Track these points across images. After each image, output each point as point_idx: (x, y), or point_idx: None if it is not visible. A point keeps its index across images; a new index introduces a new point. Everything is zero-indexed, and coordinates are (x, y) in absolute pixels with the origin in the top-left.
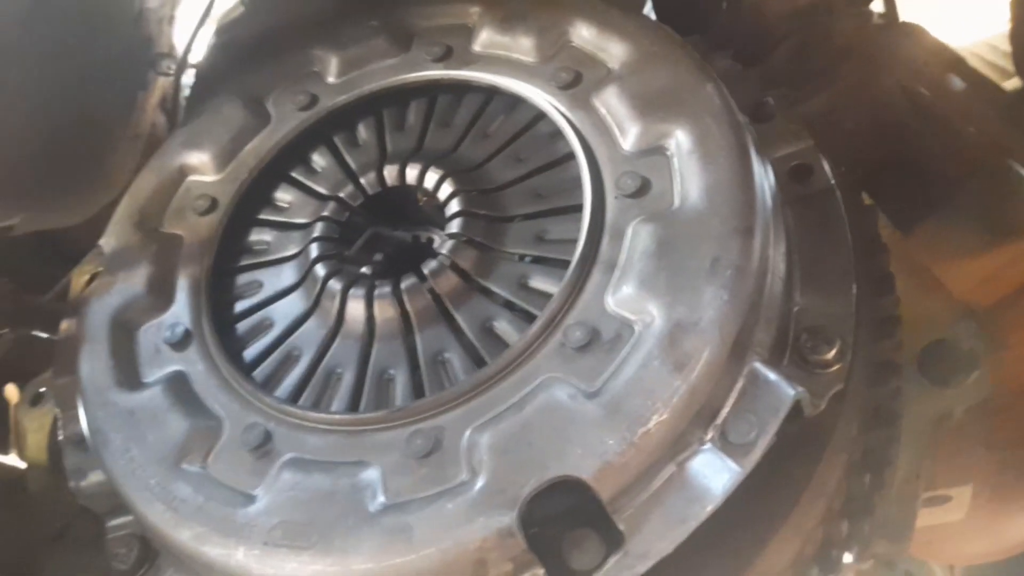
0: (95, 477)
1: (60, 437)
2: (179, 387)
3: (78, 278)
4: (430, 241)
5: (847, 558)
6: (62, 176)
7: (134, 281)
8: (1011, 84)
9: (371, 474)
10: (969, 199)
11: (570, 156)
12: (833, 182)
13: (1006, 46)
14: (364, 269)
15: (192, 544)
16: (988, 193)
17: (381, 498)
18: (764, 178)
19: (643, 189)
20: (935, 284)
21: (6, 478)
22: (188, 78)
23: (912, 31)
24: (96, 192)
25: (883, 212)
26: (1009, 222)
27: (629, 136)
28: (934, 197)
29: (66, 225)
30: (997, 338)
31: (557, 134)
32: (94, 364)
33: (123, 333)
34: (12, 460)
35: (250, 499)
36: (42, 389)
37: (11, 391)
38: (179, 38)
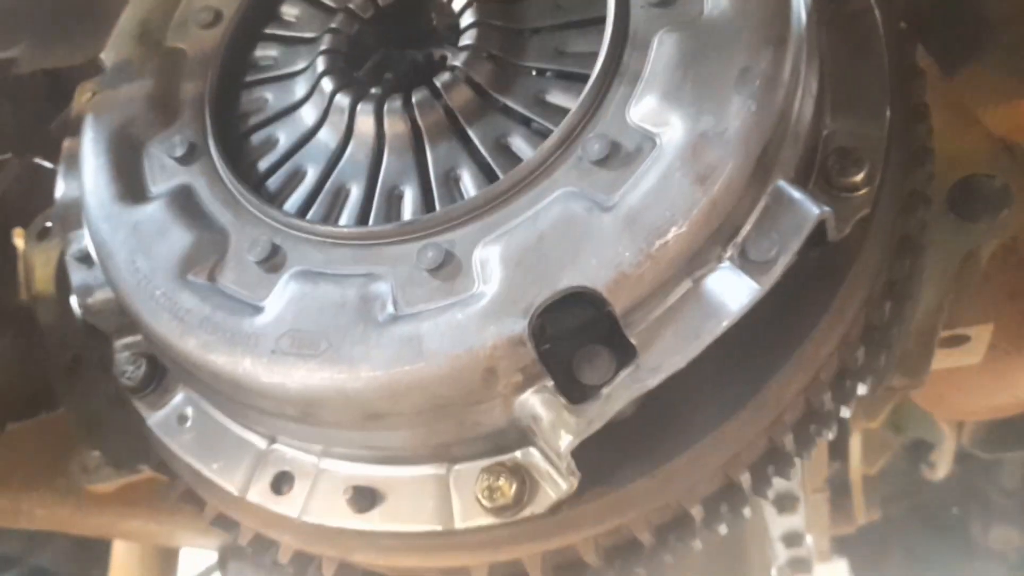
0: (102, 294)
1: (66, 256)
2: (185, 200)
3: (80, 96)
4: (443, 59)
5: (861, 389)
6: (61, 11)
7: (137, 95)
8: None
9: (381, 286)
10: (1014, 41)
11: None
12: (872, 1)
13: None
14: (374, 90)
15: (198, 353)
16: None
17: (391, 309)
18: None
19: None
20: (972, 120)
21: (17, 312)
22: None
23: None
24: (96, 30)
25: (928, 54)
26: None
27: None
28: (979, 39)
29: (68, 64)
30: None
31: None
32: (98, 178)
33: (127, 147)
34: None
35: (257, 310)
36: (48, 223)
37: (20, 235)
38: None
